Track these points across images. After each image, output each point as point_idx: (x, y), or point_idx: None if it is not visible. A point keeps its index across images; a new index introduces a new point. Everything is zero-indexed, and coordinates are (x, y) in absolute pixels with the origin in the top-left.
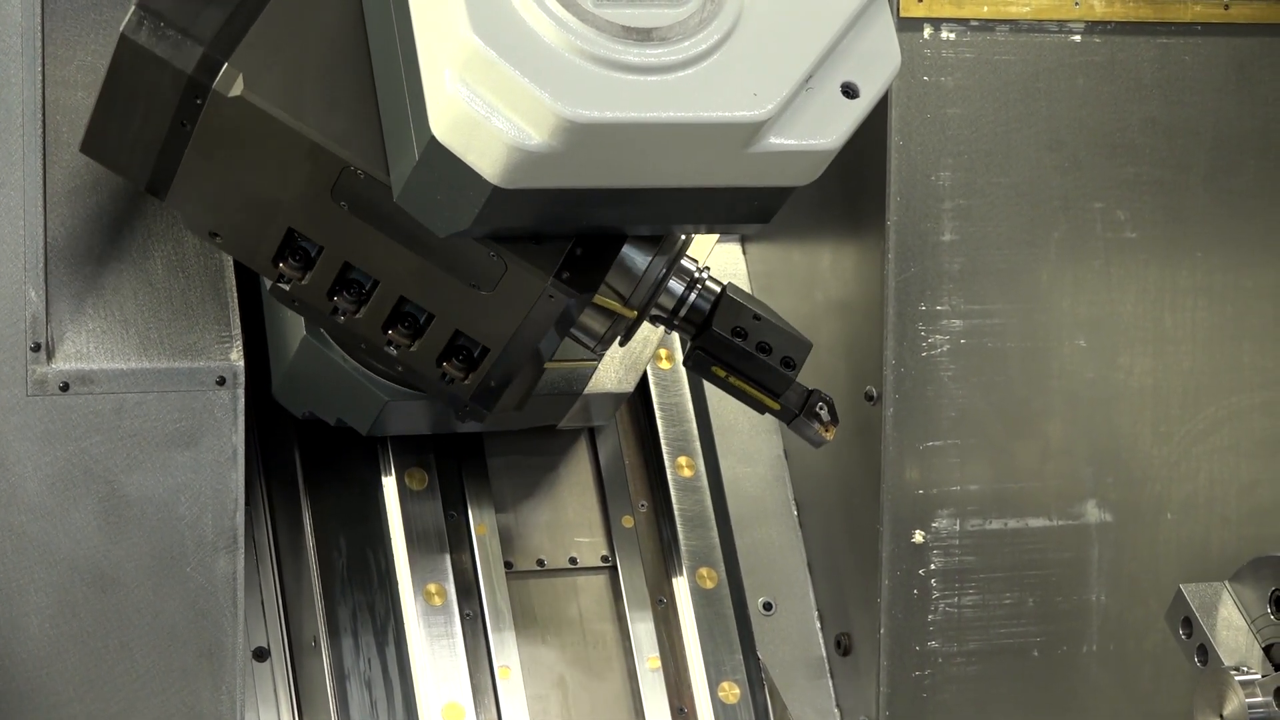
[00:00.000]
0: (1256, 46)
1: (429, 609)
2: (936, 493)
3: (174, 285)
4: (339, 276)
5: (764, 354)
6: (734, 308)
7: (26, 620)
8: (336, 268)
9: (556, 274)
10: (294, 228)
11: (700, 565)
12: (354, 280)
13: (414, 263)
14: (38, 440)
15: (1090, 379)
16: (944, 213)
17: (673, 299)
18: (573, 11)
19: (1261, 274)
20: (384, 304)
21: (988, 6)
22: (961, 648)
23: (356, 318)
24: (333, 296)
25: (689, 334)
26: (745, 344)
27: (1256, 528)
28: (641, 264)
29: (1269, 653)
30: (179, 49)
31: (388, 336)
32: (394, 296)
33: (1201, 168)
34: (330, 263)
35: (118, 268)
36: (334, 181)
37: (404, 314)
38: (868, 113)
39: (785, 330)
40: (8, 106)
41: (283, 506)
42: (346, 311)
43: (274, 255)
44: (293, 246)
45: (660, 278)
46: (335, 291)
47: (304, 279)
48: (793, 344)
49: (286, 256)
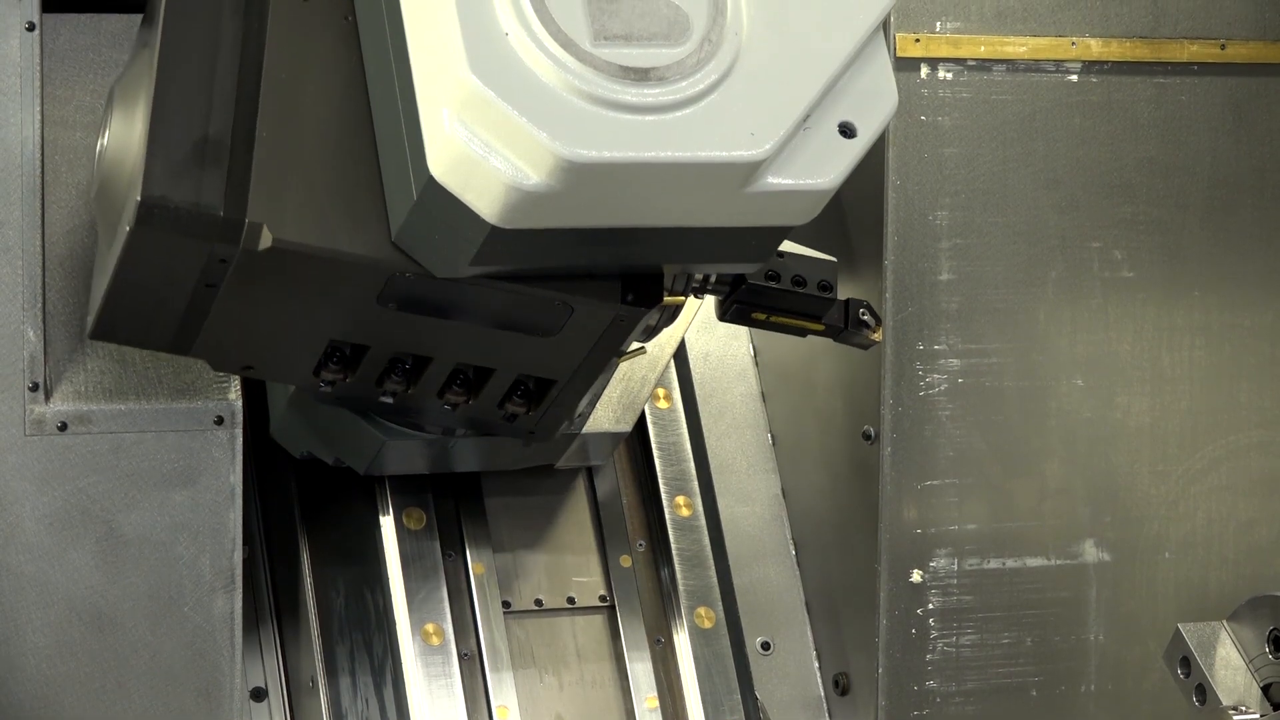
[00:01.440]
0: (1253, 86)
1: (427, 649)
2: (934, 532)
3: None
4: (387, 367)
5: (801, 287)
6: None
7: (24, 660)
8: (384, 362)
9: (622, 299)
10: (335, 339)
11: (698, 605)
12: (402, 364)
13: (470, 333)
14: (36, 480)
15: (1088, 418)
16: (941, 252)
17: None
18: (570, 51)
19: (1259, 313)
20: (439, 376)
21: (984, 47)
22: (960, 687)
23: (408, 395)
24: (380, 384)
25: (723, 293)
26: (781, 284)
27: (1254, 567)
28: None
29: (1267, 692)
30: (194, 224)
31: (445, 399)
32: (450, 367)
33: (1198, 207)
34: (377, 359)
35: None
36: (380, 290)
37: (458, 375)
38: (865, 152)
39: (811, 258)
40: (6, 146)
41: (281, 546)
42: (396, 393)
43: (315, 368)
44: (333, 354)
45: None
46: (383, 380)
47: (348, 379)
48: (824, 268)
49: (328, 365)
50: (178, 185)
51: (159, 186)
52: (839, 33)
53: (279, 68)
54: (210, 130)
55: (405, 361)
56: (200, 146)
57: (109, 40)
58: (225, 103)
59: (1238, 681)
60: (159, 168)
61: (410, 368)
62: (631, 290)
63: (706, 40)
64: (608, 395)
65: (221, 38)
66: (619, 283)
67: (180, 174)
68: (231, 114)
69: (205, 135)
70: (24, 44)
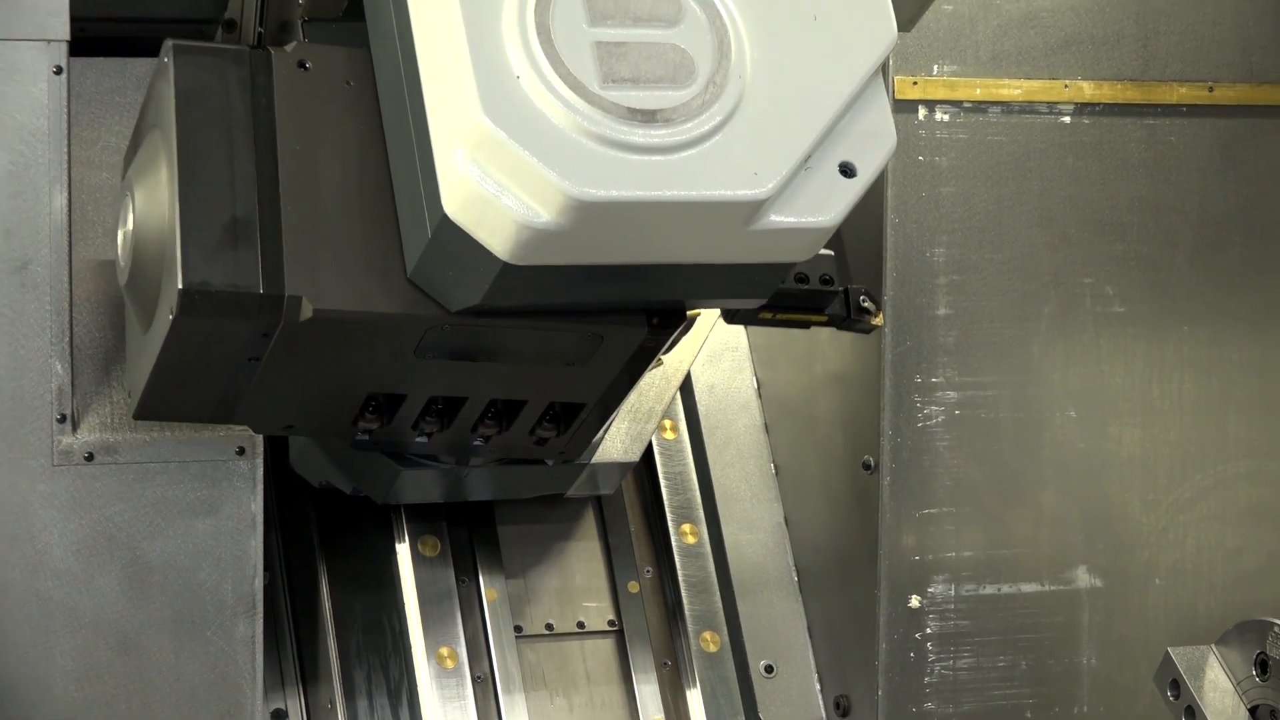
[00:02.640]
0: (1240, 127)
1: (441, 672)
2: (932, 559)
3: None
4: (422, 410)
5: (804, 283)
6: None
7: (53, 682)
8: (420, 407)
9: (649, 324)
10: (373, 392)
11: (704, 629)
12: (435, 405)
13: (505, 370)
14: (63, 509)
15: (1081, 449)
16: (939, 288)
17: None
18: (580, 94)
19: (1246, 348)
20: (473, 413)
21: (980, 89)
22: (957, 709)
23: (443, 434)
24: (417, 427)
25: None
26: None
27: (1242, 593)
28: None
29: (1254, 714)
30: (236, 305)
31: (478, 434)
32: (484, 404)
33: (1188, 245)
34: (413, 405)
35: None
36: (418, 342)
37: (491, 409)
38: (865, 191)
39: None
40: (35, 186)
41: (300, 572)
42: (431, 433)
43: (352, 420)
44: (370, 405)
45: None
46: (419, 423)
47: (386, 426)
48: (823, 262)
49: (365, 415)
50: (215, 269)
51: (197, 274)
52: (839, 75)
53: (292, 140)
54: (237, 211)
55: (439, 403)
56: (230, 228)
57: (134, 83)
58: (247, 182)
59: (1226, 704)
60: (194, 255)
61: (443, 408)
62: (655, 315)
63: (711, 83)
64: (616, 427)
65: (234, 120)
66: (643, 310)
67: (215, 258)
68: (254, 192)
69: (233, 216)
70: (52, 87)
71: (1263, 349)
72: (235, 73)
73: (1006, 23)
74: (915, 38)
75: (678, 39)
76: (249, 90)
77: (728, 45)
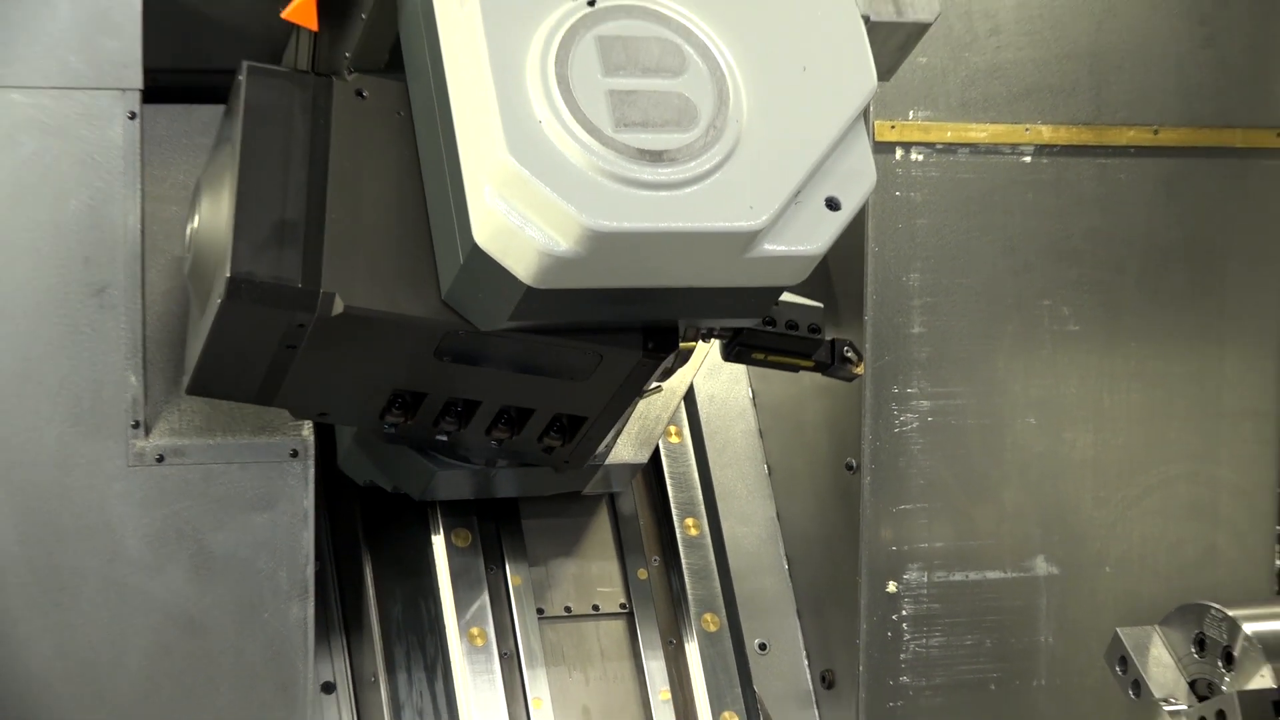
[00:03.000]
0: (1182, 166)
1: (472, 649)
2: (907, 549)
3: None
4: (443, 410)
5: (794, 330)
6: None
7: (128, 659)
8: (439, 406)
9: (644, 348)
10: (398, 388)
11: (705, 611)
12: (455, 407)
13: (514, 379)
14: (137, 505)
15: (1039, 452)
16: (913, 309)
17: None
18: (595, 136)
19: (1187, 362)
20: (487, 416)
21: (950, 132)
22: (929, 682)
23: (460, 433)
24: (437, 424)
25: (728, 337)
26: (777, 328)
27: (1183, 580)
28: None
29: (1193, 687)
30: (276, 296)
31: (491, 437)
32: (496, 409)
33: (1135, 271)
34: (434, 404)
35: None
36: (436, 345)
37: (504, 415)
38: (848, 223)
39: (801, 305)
40: (111, 219)
41: (347, 561)
42: (450, 432)
43: (380, 414)
44: (396, 401)
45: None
46: (439, 421)
47: (409, 421)
48: (813, 313)
49: (391, 410)
50: (261, 263)
51: (245, 264)
52: (826, 120)
53: (343, 157)
54: (287, 214)
55: (458, 405)
56: (279, 228)
57: (199, 128)
58: (299, 191)
59: (1168, 678)
60: (243, 248)
61: (461, 410)
62: (652, 340)
63: (712, 126)
64: (627, 431)
65: (293, 135)
66: (641, 334)
67: (262, 253)
68: (304, 200)
69: (283, 219)
70: (126, 131)
71: (1201, 363)
72: (299, 95)
73: (974, 73)
74: (893, 87)
75: (682, 88)
76: (310, 111)
77: (726, 93)
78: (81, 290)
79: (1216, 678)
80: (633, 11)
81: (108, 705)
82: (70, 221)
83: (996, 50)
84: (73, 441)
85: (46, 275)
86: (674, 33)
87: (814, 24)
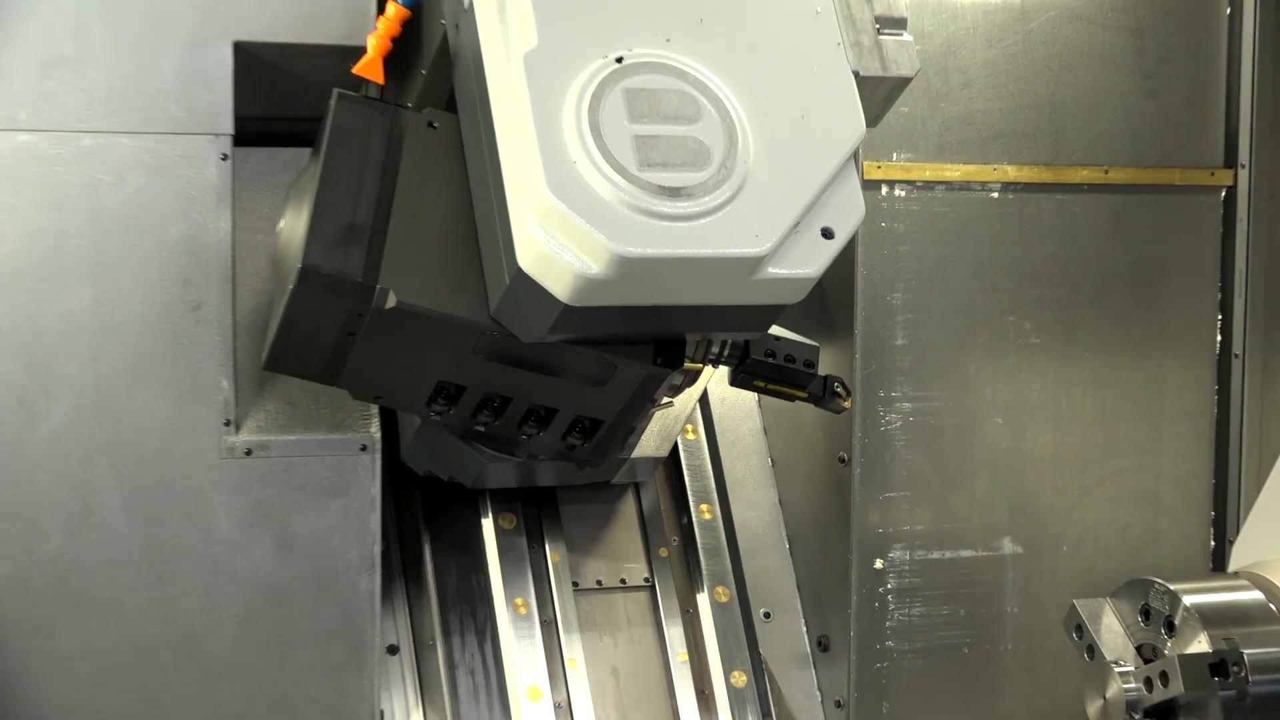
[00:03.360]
0: (1128, 201)
1: (516, 617)
2: (892, 531)
3: None
4: (480, 403)
5: (791, 363)
6: (763, 338)
7: (220, 626)
8: (478, 399)
9: (654, 361)
10: (442, 380)
11: (717, 585)
12: (491, 401)
13: (541, 380)
14: (228, 492)
15: (1005, 448)
16: (897, 324)
17: (720, 344)
18: (623, 175)
19: (1133, 370)
20: (518, 412)
21: (929, 172)
22: (911, 646)
23: (495, 425)
24: (475, 416)
25: (733, 364)
26: (776, 360)
27: (1130, 558)
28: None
29: (1140, 651)
30: (339, 287)
31: (521, 431)
32: (525, 405)
33: (1088, 291)
34: (473, 396)
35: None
36: (475, 343)
37: (532, 413)
38: (841, 249)
39: (799, 342)
40: (207, 245)
41: (409, 541)
42: (487, 423)
43: (426, 401)
44: (441, 391)
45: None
46: (477, 413)
47: (451, 411)
48: (809, 350)
49: (437, 399)
50: (329, 257)
51: (315, 258)
52: (821, 161)
53: (410, 177)
54: (356, 219)
55: (494, 400)
56: (348, 230)
57: (282, 167)
58: (369, 201)
59: (1118, 643)
60: (315, 244)
61: (497, 406)
62: (661, 355)
63: (723, 166)
64: (650, 429)
65: (370, 153)
66: (652, 349)
67: (331, 250)
68: (373, 209)
69: (352, 223)
70: (220, 170)
71: (1146, 371)
72: (379, 121)
73: (949, 121)
74: (879, 132)
75: (697, 133)
76: (386, 135)
77: (735, 137)
78: (181, 307)
79: (1160, 643)
80: (655, 68)
81: (203, 665)
82: (171, 248)
83: (968, 101)
84: (173, 438)
85: (151, 294)
86: (690, 85)
87: (811, 78)
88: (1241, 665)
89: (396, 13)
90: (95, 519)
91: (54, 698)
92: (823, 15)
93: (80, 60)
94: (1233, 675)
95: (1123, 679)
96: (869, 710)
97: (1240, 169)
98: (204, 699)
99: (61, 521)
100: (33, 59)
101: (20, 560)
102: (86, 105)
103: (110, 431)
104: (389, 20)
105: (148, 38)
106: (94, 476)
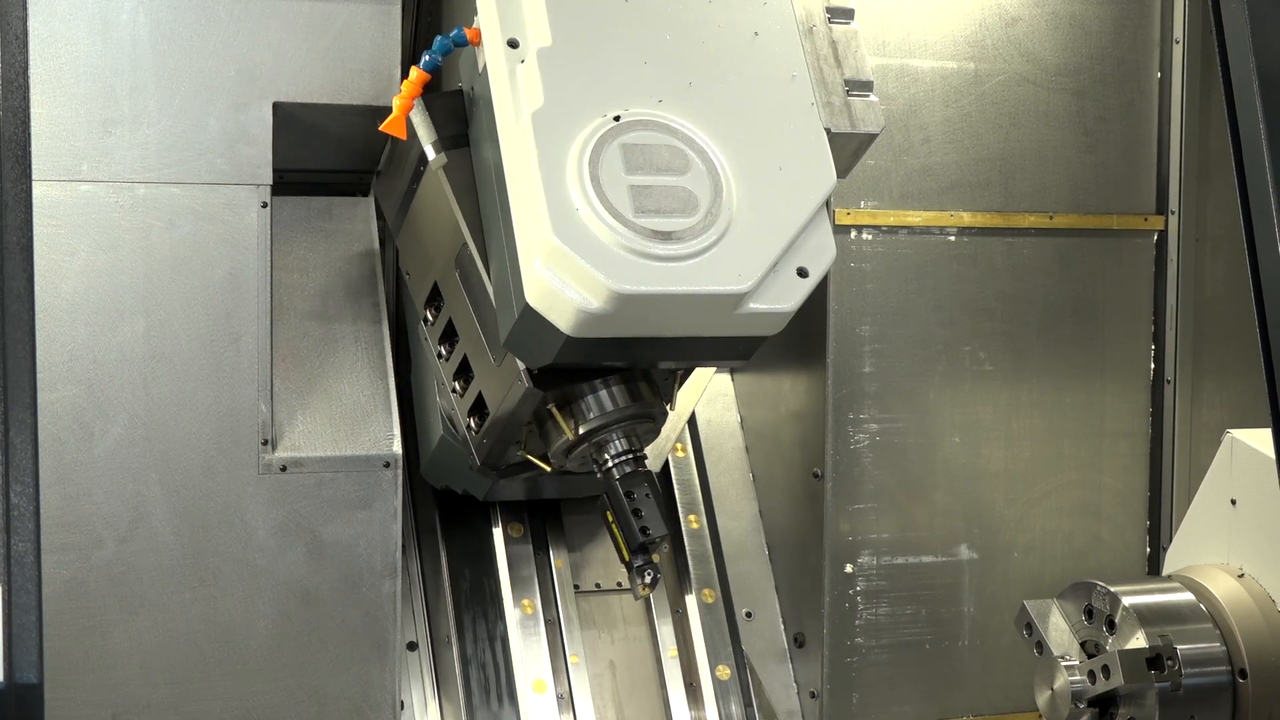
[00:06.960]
0: (1071, 244)
1: (524, 616)
2: (861, 539)
3: (356, 400)
4: (446, 330)
5: (635, 516)
6: (639, 478)
7: (256, 624)
8: (446, 321)
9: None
10: (437, 282)
11: (704, 587)
12: (451, 336)
13: (474, 328)
14: (265, 504)
15: (962, 464)
16: (865, 353)
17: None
18: (619, 220)
19: (1076, 394)
20: (457, 357)
21: (893, 217)
22: (878, 643)
23: (445, 363)
24: (441, 344)
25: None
26: (629, 501)
27: (1074, 563)
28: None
29: (1084, 647)
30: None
31: (454, 386)
32: (462, 354)
33: (1036, 324)
34: (444, 315)
35: (319, 389)
36: (457, 253)
37: (465, 370)
38: (814, 287)
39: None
40: (247, 283)
41: (427, 548)
42: (443, 355)
43: (426, 301)
44: (435, 298)
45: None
46: (442, 340)
47: (433, 324)
48: (656, 522)
49: (431, 304)
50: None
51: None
52: (797, 207)
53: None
54: None
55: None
56: None
57: (316, 214)
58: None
59: (1064, 640)
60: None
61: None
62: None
63: (709, 213)
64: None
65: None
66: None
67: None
68: None
69: None
70: (260, 217)
71: (1088, 395)
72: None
73: (910, 172)
74: (848, 183)
75: (686, 183)
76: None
77: (720, 187)
78: (224, 338)
79: (1102, 640)
80: (648, 125)
81: (242, 660)
82: (216, 286)
83: (928, 155)
84: (215, 455)
85: (197, 327)
86: (680, 141)
87: (787, 134)
88: (1175, 659)
89: (418, 76)
90: (145, 528)
91: (106, 690)
92: (798, 79)
93: (136, 119)
94: (1168, 668)
95: (1069, 672)
96: (840, 700)
97: (1170, 215)
98: (242, 690)
99: (115, 530)
100: (94, 117)
101: (78, 566)
102: (141, 159)
103: (160, 450)
104: (412, 83)
105: (196, 98)
106: (144, 490)
